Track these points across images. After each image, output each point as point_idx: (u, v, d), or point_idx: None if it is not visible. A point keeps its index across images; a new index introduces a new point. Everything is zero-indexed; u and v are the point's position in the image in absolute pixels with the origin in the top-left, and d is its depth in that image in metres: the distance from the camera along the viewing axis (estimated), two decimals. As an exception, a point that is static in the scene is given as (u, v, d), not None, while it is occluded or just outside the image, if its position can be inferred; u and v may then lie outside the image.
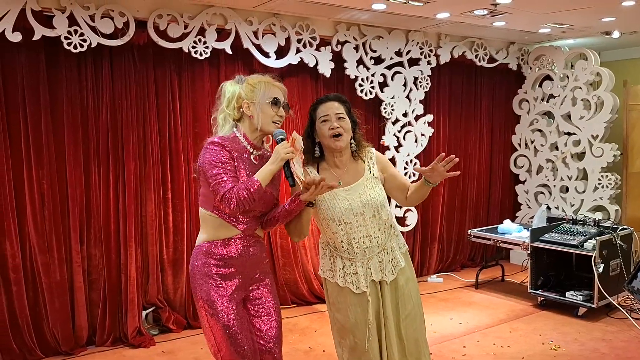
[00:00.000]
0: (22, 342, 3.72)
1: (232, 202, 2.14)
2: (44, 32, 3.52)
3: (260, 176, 2.20)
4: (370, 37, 4.88)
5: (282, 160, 2.21)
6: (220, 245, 2.30)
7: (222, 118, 2.33)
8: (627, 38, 5.34)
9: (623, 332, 4.12)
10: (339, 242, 2.47)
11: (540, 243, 4.67)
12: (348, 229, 2.44)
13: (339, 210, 2.43)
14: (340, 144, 2.43)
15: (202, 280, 2.30)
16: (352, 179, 2.50)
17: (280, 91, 2.34)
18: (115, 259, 4.05)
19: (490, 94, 6.08)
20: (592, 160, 5.55)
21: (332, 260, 2.52)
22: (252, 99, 2.28)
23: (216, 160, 2.20)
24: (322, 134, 2.45)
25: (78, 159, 3.89)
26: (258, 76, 2.36)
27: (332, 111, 2.44)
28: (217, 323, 2.28)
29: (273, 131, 2.31)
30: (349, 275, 2.48)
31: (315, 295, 4.87)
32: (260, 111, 2.27)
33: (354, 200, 2.45)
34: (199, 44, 4.06)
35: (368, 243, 2.47)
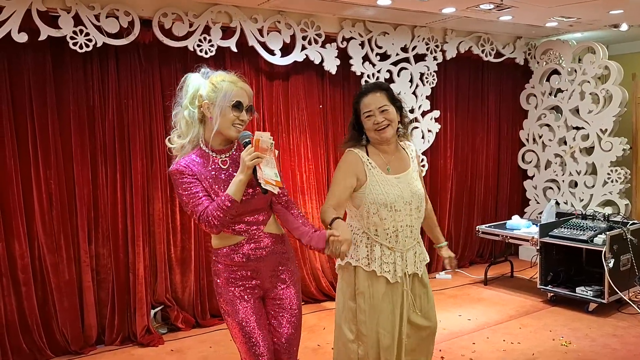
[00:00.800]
0: (32, 342, 3.74)
1: (210, 222, 2.10)
2: (49, 32, 3.53)
3: (231, 190, 2.09)
4: (376, 34, 4.86)
5: (249, 168, 2.07)
6: (231, 251, 2.26)
7: (187, 116, 2.20)
8: (635, 31, 5.29)
9: (634, 327, 4.08)
10: (385, 228, 2.46)
11: (549, 238, 4.64)
12: (397, 216, 2.45)
13: (392, 196, 2.45)
14: (386, 135, 2.47)
15: (221, 282, 2.30)
16: (400, 167, 2.54)
17: (245, 93, 2.19)
18: (124, 258, 4.06)
19: (497, 89, 6.04)
20: (601, 154, 5.51)
21: (370, 248, 2.48)
22: (212, 99, 2.14)
23: (182, 189, 2.16)
24: (367, 127, 2.49)
25: (85, 158, 3.90)
26: (222, 74, 2.21)
27: (375, 105, 2.46)
28: (233, 321, 2.29)
29: (234, 136, 2.19)
30: (386, 265, 2.47)
31: (323, 293, 4.86)
32: (220, 114, 2.13)
33: (405, 189, 2.49)
34: (204, 42, 4.05)
35: (409, 233, 2.51)
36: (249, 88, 2.24)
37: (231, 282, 2.28)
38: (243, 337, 2.28)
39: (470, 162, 5.90)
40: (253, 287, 2.30)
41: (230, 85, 2.16)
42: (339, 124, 4.99)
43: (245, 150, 2.09)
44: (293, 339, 2.40)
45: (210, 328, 4.29)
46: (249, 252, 2.26)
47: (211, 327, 4.29)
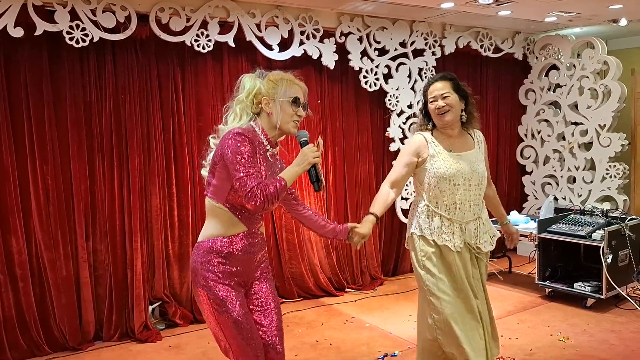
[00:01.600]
0: (29, 338, 3.73)
1: (259, 198, 2.07)
2: (45, 27, 3.51)
3: (286, 176, 2.16)
4: (374, 28, 4.84)
5: (310, 164, 2.18)
6: (225, 243, 2.24)
7: (239, 108, 2.26)
8: (634, 26, 5.27)
9: (632, 322, 4.09)
10: (444, 200, 2.73)
11: (547, 234, 4.64)
12: (455, 189, 2.72)
13: (452, 170, 2.72)
14: (446, 119, 2.75)
15: (207, 278, 2.23)
16: (462, 147, 2.83)
17: (301, 90, 2.31)
18: (121, 254, 4.05)
19: (495, 84, 6.03)
20: (599, 150, 5.50)
21: (430, 219, 2.76)
22: (272, 95, 2.24)
23: (242, 153, 2.11)
24: (431, 111, 2.79)
25: (82, 154, 3.88)
26: (280, 73, 2.32)
27: (438, 92, 2.75)
28: (228, 319, 2.23)
29: (292, 131, 2.28)
30: (447, 234, 2.73)
31: (321, 288, 4.86)
32: (280, 109, 2.23)
33: (465, 166, 2.76)
34: (201, 37, 4.03)
35: (468, 207, 2.76)
36: (304, 86, 2.35)
37: (220, 277, 2.23)
38: (240, 333, 2.24)
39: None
40: (239, 283, 2.29)
41: (289, 82, 2.28)
42: (337, 119, 4.98)
43: (309, 147, 2.21)
44: (281, 332, 2.42)
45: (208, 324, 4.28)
46: (246, 246, 2.27)
47: (209, 323, 4.29)
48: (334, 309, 4.58)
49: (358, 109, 5.10)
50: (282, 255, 4.75)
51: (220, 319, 2.25)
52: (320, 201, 4.90)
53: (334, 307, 4.63)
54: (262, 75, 2.30)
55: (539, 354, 3.62)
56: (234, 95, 2.32)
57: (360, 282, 5.13)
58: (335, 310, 4.57)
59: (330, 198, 5.00)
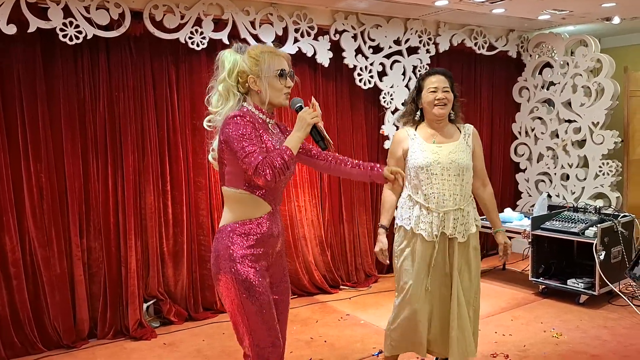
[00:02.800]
0: (23, 336, 3.72)
1: (267, 172, 2.02)
2: (38, 24, 3.49)
3: (290, 144, 2.10)
4: (369, 26, 4.84)
5: (309, 125, 2.14)
6: (251, 224, 2.18)
7: (222, 88, 2.20)
8: (627, 24, 5.30)
9: (625, 319, 4.12)
10: (422, 189, 2.81)
11: (541, 231, 4.66)
12: (433, 179, 2.79)
13: (428, 160, 2.80)
14: (442, 111, 2.84)
15: (234, 262, 2.15)
16: (445, 139, 2.89)
17: (285, 60, 2.23)
18: (115, 251, 4.04)
19: (489, 82, 6.04)
20: (592, 147, 5.53)
21: (411, 209, 2.85)
22: (257, 73, 2.17)
23: (241, 132, 2.07)
24: (428, 101, 2.85)
25: (76, 152, 3.87)
26: (259, 46, 2.25)
27: (440, 84, 2.84)
28: (253, 304, 2.15)
29: (284, 103, 2.24)
30: (424, 224, 2.80)
31: (316, 286, 4.87)
32: (268, 85, 2.17)
33: (444, 156, 2.81)
34: (195, 35, 4.03)
35: (448, 197, 2.80)
36: (287, 54, 2.28)
37: (247, 261, 2.16)
38: (262, 318, 2.17)
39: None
40: (264, 268, 2.22)
41: (271, 55, 2.19)
42: (331, 116, 4.98)
43: (305, 110, 2.16)
44: (285, 324, 2.41)
45: (203, 321, 4.28)
46: (270, 227, 2.22)
47: (204, 321, 4.29)
48: (329, 306, 4.59)
49: (352, 106, 5.11)
50: (277, 252, 4.75)
51: (245, 304, 2.16)
52: (315, 198, 4.90)
53: (329, 304, 4.64)
54: (241, 49, 2.22)
55: (533, 350, 3.64)
56: (215, 74, 2.25)
57: (355, 279, 5.14)
58: (330, 307, 4.58)
59: (325, 195, 5.00)
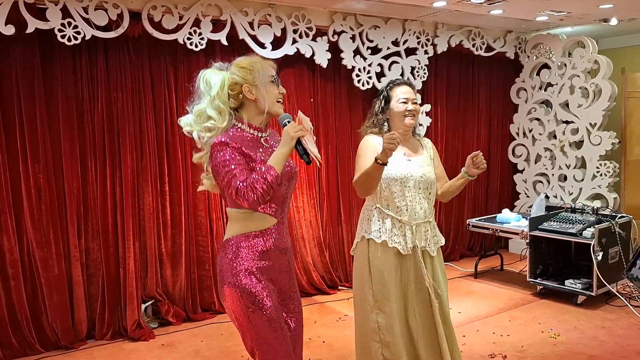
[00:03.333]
0: (21, 337, 3.72)
1: (249, 194, 2.00)
2: (37, 24, 3.48)
3: (273, 162, 2.07)
4: (367, 27, 4.85)
5: (293, 139, 2.07)
6: (257, 237, 2.15)
7: (215, 107, 2.14)
8: (625, 25, 5.32)
9: (622, 319, 4.13)
10: (395, 202, 2.73)
11: (539, 232, 4.67)
12: (406, 191, 2.74)
13: (402, 172, 2.74)
14: (413, 122, 2.82)
15: (239, 275, 2.12)
16: (414, 152, 2.87)
17: (273, 67, 2.24)
18: (114, 252, 4.04)
19: (487, 83, 6.06)
20: (590, 148, 5.54)
21: (382, 221, 2.74)
22: (251, 81, 2.14)
23: (224, 159, 2.06)
24: (399, 112, 2.80)
25: (74, 152, 3.87)
26: (247, 58, 2.22)
27: (410, 95, 2.82)
28: (261, 317, 2.11)
29: (279, 112, 2.21)
30: (397, 236, 2.72)
31: (314, 286, 4.87)
32: (265, 92, 2.15)
33: (415, 170, 2.78)
34: (194, 36, 4.03)
35: (418, 209, 2.76)
36: (273, 62, 2.28)
37: (254, 275, 2.12)
38: (273, 331, 2.14)
39: (460, 156, 5.91)
40: (271, 280, 2.19)
41: (261, 63, 2.20)
42: (330, 117, 4.99)
43: (290, 125, 2.12)
44: (301, 337, 2.37)
45: (201, 322, 4.28)
46: (277, 240, 2.19)
47: (202, 321, 4.29)
48: (327, 307, 4.60)
49: (351, 107, 5.11)
50: (275, 253, 4.74)
51: (252, 317, 2.12)
52: (313, 199, 4.90)
53: (327, 305, 4.65)
54: (225, 67, 2.20)
55: (530, 351, 3.65)
56: (197, 94, 2.17)
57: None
58: (328, 308, 4.58)
59: (323, 196, 5.01)
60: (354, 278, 2.88)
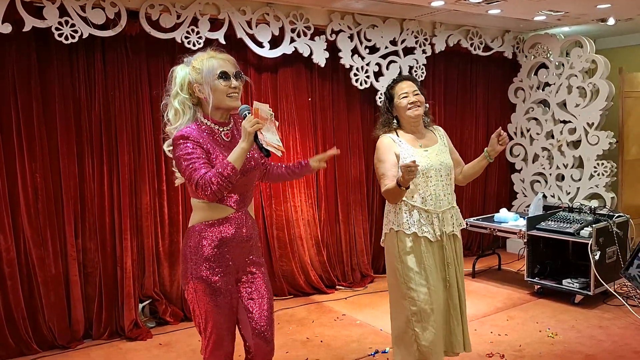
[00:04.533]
0: (18, 336, 3.70)
1: (207, 188, 2.12)
2: (34, 23, 3.47)
3: (232, 157, 2.15)
4: (365, 26, 4.85)
5: (250, 134, 2.14)
6: (215, 225, 2.28)
7: (179, 103, 2.26)
8: (622, 25, 5.32)
9: (619, 318, 4.13)
10: (420, 193, 2.85)
11: (536, 231, 4.67)
12: (429, 182, 2.86)
13: (423, 164, 2.83)
14: (417, 112, 2.90)
15: (195, 260, 2.27)
16: (429, 142, 2.98)
17: (227, 62, 2.27)
18: (111, 252, 4.03)
19: (485, 82, 6.06)
20: (587, 148, 5.55)
21: (409, 213, 2.85)
22: (199, 80, 2.23)
23: (184, 152, 2.17)
24: (402, 106, 2.91)
25: (71, 151, 3.85)
26: (200, 55, 2.29)
27: (410, 89, 2.92)
28: (205, 296, 2.26)
29: (231, 105, 2.26)
30: (425, 226, 2.85)
31: (312, 286, 4.87)
32: (211, 90, 2.22)
33: (434, 159, 2.90)
34: (192, 34, 4.02)
35: (442, 197, 2.90)
36: (229, 56, 2.31)
37: (205, 262, 2.26)
38: (212, 328, 2.29)
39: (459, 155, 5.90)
40: (228, 271, 2.30)
41: (210, 60, 2.24)
42: (327, 117, 4.98)
43: (246, 119, 2.16)
44: (271, 321, 2.44)
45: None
46: (235, 229, 2.30)
47: (200, 321, 4.28)
48: (325, 306, 4.59)
49: (349, 106, 5.11)
50: (273, 252, 4.74)
51: (199, 297, 2.27)
52: (310, 198, 4.90)
53: (325, 304, 4.64)
54: (189, 62, 2.29)
55: (528, 350, 3.65)
56: (167, 89, 2.31)
57: (351, 279, 5.14)
58: (326, 307, 4.58)
59: (321, 196, 5.00)
60: (387, 268, 3.02)
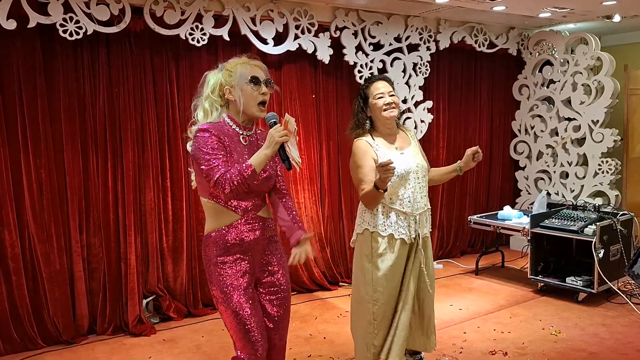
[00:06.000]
0: (23, 331, 3.73)
1: (226, 187, 2.17)
2: (39, 19, 3.48)
3: (254, 161, 2.20)
4: (369, 23, 4.84)
5: (277, 144, 2.20)
6: (224, 232, 2.32)
7: (208, 104, 2.35)
8: (628, 22, 5.30)
9: (623, 317, 4.13)
10: (398, 195, 2.84)
11: (540, 229, 4.67)
12: (407, 184, 2.85)
13: (401, 167, 2.81)
14: (393, 113, 2.87)
15: (212, 268, 2.34)
16: (404, 144, 2.96)
17: (259, 69, 2.35)
18: (115, 247, 4.05)
19: (490, 79, 6.04)
20: (592, 145, 5.53)
21: (386, 215, 2.85)
22: (231, 83, 2.30)
23: (206, 146, 2.22)
24: (378, 107, 2.87)
25: (76, 147, 3.86)
26: (234, 60, 2.38)
27: (385, 89, 2.88)
28: (227, 309, 2.32)
29: (257, 114, 2.33)
30: (402, 228, 2.85)
31: (315, 282, 4.87)
32: (242, 93, 2.28)
33: (411, 161, 2.89)
34: (196, 31, 4.02)
35: (419, 199, 2.91)
36: (262, 64, 2.38)
37: (223, 268, 2.32)
38: (238, 324, 2.32)
39: (462, 153, 5.83)
40: (244, 271, 2.35)
41: (243, 65, 2.33)
42: (331, 113, 4.98)
43: (275, 128, 2.22)
44: (283, 321, 2.50)
45: (202, 317, 4.29)
46: (243, 233, 2.33)
47: (203, 317, 4.29)
48: (328, 303, 4.60)
49: (353, 103, 5.09)
50: (276, 249, 4.75)
51: (221, 308, 2.35)
52: (314, 195, 4.90)
53: (328, 301, 4.65)
54: (222, 68, 2.38)
55: (531, 348, 3.65)
56: (199, 92, 2.39)
57: (354, 276, 5.14)
58: (329, 304, 4.59)
59: (325, 192, 5.00)
60: (355, 268, 3.00)
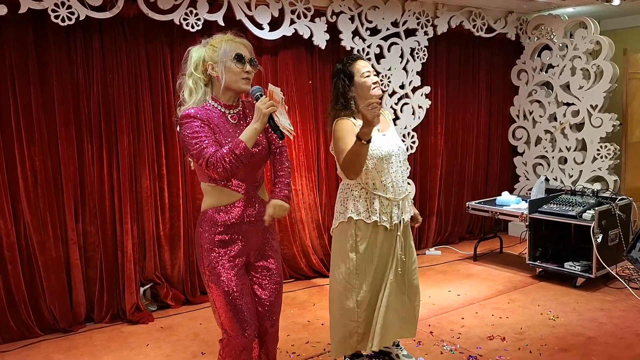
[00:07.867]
0: (20, 320, 3.72)
1: (219, 166, 2.15)
2: (30, 4, 3.42)
3: (244, 137, 2.19)
4: (366, 8, 4.78)
5: (265, 115, 2.19)
6: (223, 211, 2.30)
7: (192, 82, 2.30)
8: (627, 5, 5.24)
9: (621, 301, 4.13)
10: (382, 180, 2.77)
11: (538, 214, 4.65)
12: (391, 167, 2.79)
13: (385, 149, 2.76)
14: (379, 92, 2.83)
15: (205, 246, 2.32)
16: (384, 126, 2.88)
17: (244, 47, 2.30)
18: (111, 235, 4.03)
19: (488, 64, 6.00)
20: (591, 130, 5.50)
21: (369, 202, 2.78)
22: (214, 59, 2.26)
23: (192, 131, 2.20)
24: (367, 85, 2.78)
25: (70, 135, 3.83)
26: (219, 36, 2.33)
27: (370, 68, 2.83)
28: (218, 289, 2.30)
29: (242, 88, 2.30)
30: (385, 214, 2.79)
31: (313, 269, 4.87)
32: (225, 70, 2.25)
33: (392, 143, 2.83)
34: (190, 16, 3.97)
35: (401, 184, 2.84)
36: (247, 42, 2.34)
37: (215, 247, 2.30)
38: (227, 303, 2.31)
39: (460, 139, 5.88)
40: (237, 253, 2.33)
41: (228, 42, 2.28)
42: (328, 99, 4.92)
43: (260, 100, 2.20)
44: (275, 306, 2.49)
45: (200, 305, 4.28)
46: (243, 214, 2.31)
47: (201, 304, 4.29)
48: (326, 290, 4.59)
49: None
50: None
51: (211, 287, 2.33)
52: (311, 182, 4.88)
53: (326, 287, 4.64)
54: (206, 43, 2.33)
55: (529, 333, 3.65)
56: (182, 69, 2.34)
57: (352, 263, 5.14)
58: (327, 290, 4.56)
59: (322, 179, 4.98)
60: (333, 256, 2.92)
